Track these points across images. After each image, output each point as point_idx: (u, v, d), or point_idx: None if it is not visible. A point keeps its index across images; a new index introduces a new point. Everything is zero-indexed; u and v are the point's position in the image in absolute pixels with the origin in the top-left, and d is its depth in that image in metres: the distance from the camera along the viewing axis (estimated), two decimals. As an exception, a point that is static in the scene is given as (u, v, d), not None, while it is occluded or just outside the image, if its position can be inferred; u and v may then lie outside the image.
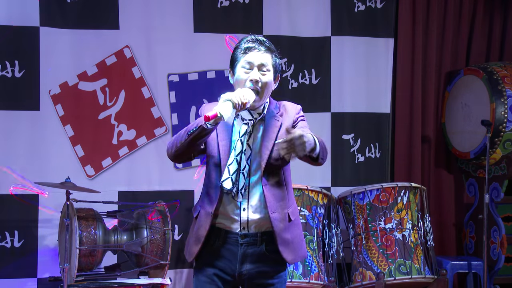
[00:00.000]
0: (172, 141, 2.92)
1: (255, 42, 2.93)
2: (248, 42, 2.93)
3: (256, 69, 2.90)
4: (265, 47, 2.94)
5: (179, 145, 2.85)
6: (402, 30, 5.69)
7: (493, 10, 5.92)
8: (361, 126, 5.67)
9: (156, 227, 4.60)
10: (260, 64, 2.90)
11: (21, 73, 5.05)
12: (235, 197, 2.87)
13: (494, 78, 5.31)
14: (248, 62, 2.89)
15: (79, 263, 4.43)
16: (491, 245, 5.41)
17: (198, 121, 2.80)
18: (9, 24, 5.03)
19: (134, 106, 5.24)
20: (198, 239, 2.93)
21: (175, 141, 2.88)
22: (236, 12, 5.40)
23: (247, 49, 2.91)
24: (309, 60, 5.56)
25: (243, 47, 2.92)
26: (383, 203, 5.06)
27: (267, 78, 2.92)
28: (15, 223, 5.04)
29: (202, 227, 2.92)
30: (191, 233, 3.02)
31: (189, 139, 2.80)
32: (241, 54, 2.91)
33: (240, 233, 2.90)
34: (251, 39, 2.95)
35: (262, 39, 2.97)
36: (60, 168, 5.01)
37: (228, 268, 2.92)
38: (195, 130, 2.77)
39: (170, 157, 2.94)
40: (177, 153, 2.88)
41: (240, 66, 2.91)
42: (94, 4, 5.15)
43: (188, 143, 2.81)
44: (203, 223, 2.92)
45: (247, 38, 2.96)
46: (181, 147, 2.84)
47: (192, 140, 2.80)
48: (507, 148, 5.27)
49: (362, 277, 5.03)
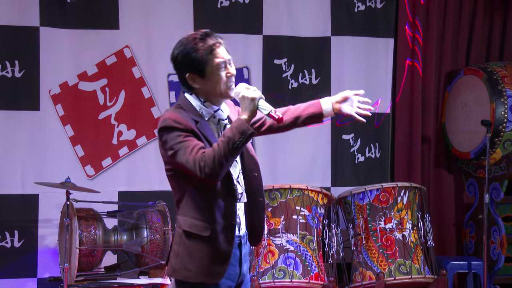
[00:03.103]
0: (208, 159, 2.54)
1: (212, 37, 2.70)
2: (207, 40, 2.68)
3: (228, 64, 2.71)
4: (220, 39, 2.73)
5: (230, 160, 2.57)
6: (402, 30, 5.69)
7: (493, 10, 5.92)
8: (361, 126, 5.66)
9: (156, 227, 4.60)
10: (229, 58, 2.72)
11: (21, 73, 5.05)
12: (241, 199, 2.74)
13: (494, 78, 5.31)
14: (222, 61, 2.68)
15: (79, 263, 4.43)
16: (491, 245, 5.41)
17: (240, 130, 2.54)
18: (9, 24, 5.03)
19: (134, 106, 5.24)
20: (222, 257, 2.68)
21: (218, 158, 2.53)
22: (236, 12, 5.40)
23: (212, 47, 2.67)
24: (309, 60, 5.56)
25: (207, 46, 2.67)
26: (383, 203, 5.06)
27: (234, 69, 2.76)
28: (15, 223, 5.04)
29: (224, 243, 2.68)
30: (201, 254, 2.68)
31: (239, 150, 2.56)
32: (207, 55, 2.66)
33: (240, 234, 2.77)
34: (204, 35, 2.70)
35: (210, 31, 2.73)
36: (60, 168, 5.01)
37: (234, 273, 2.77)
38: (245, 138, 2.54)
39: (216, 176, 2.57)
40: (225, 170, 2.59)
41: (214, 67, 2.67)
42: (94, 4, 5.15)
43: (236, 154, 2.58)
44: (223, 238, 2.67)
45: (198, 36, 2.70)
46: (231, 161, 2.59)
47: (239, 150, 2.58)
48: (507, 148, 5.27)
49: (362, 277, 5.03)
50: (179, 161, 2.60)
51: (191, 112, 2.68)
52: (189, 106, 2.71)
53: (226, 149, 2.53)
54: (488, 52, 5.94)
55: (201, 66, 2.67)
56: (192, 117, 2.66)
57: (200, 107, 2.72)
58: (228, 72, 2.70)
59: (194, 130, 2.63)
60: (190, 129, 2.62)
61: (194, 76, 2.70)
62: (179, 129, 2.62)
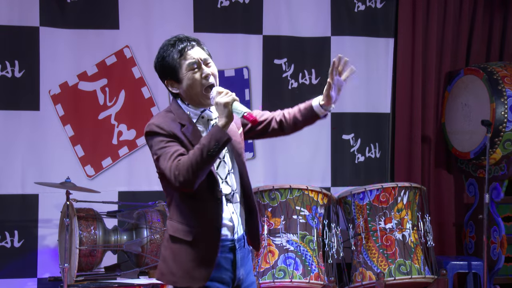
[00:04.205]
0: (182, 168, 2.52)
1: (183, 41, 2.70)
2: (177, 44, 2.69)
3: (203, 64, 2.69)
4: (193, 41, 2.73)
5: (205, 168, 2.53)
6: (402, 30, 5.69)
7: (493, 10, 5.91)
8: (361, 126, 5.67)
9: (156, 227, 4.60)
10: (203, 58, 2.70)
11: (21, 73, 5.05)
12: (231, 200, 2.72)
13: (494, 78, 5.31)
14: (193, 62, 2.67)
15: (79, 263, 4.43)
16: (491, 245, 5.41)
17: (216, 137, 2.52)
18: (9, 24, 5.03)
19: (134, 106, 5.24)
20: (206, 260, 2.66)
21: (191, 167, 2.51)
22: (236, 12, 5.40)
23: (182, 50, 2.68)
24: (309, 60, 5.56)
25: (176, 51, 2.68)
26: (383, 203, 5.06)
27: (214, 68, 2.75)
28: (15, 223, 5.05)
29: (208, 247, 2.65)
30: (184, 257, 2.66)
31: (214, 157, 2.53)
32: (178, 59, 2.67)
33: (234, 238, 2.74)
34: (175, 40, 2.70)
35: (184, 35, 2.74)
36: (60, 168, 5.01)
37: (227, 277, 2.75)
38: (219, 145, 2.51)
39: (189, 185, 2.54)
40: (200, 178, 2.55)
41: (185, 70, 2.66)
42: (94, 4, 5.15)
43: (211, 162, 2.54)
44: (208, 242, 2.66)
45: (170, 42, 2.70)
46: (207, 169, 2.55)
47: (214, 158, 2.54)
48: (507, 148, 5.27)
49: (362, 277, 5.03)
50: (161, 167, 2.61)
51: (179, 116, 2.68)
52: (177, 110, 2.71)
53: (200, 157, 2.51)
54: (488, 52, 5.94)
55: (174, 71, 2.68)
56: (178, 120, 2.66)
57: (187, 109, 2.72)
58: (202, 72, 2.68)
59: (176, 135, 2.62)
60: (172, 134, 2.61)
61: (172, 81, 2.72)
62: (161, 134, 2.61)
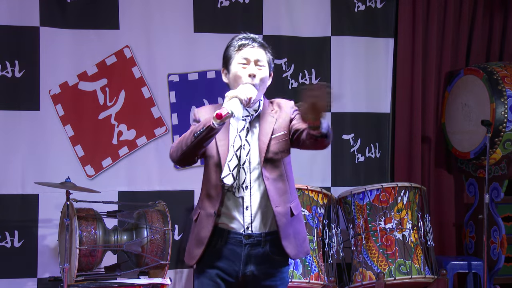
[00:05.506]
0: (176, 144, 2.87)
1: (248, 39, 2.94)
2: (241, 40, 2.94)
3: (253, 64, 2.90)
4: (258, 43, 2.95)
5: (186, 148, 2.80)
6: (402, 30, 5.69)
7: (493, 10, 5.91)
8: (361, 126, 5.67)
9: (156, 227, 4.60)
10: (256, 59, 2.90)
11: (21, 73, 5.05)
12: (235, 193, 2.85)
13: (494, 78, 5.31)
14: (244, 58, 2.90)
15: (79, 263, 4.43)
16: (491, 245, 5.41)
17: (205, 121, 2.75)
18: (9, 24, 5.03)
19: (134, 106, 5.24)
20: (200, 241, 2.89)
21: (180, 144, 2.83)
22: (236, 12, 5.40)
23: (241, 46, 2.91)
24: (309, 60, 5.56)
25: (236, 45, 2.93)
26: (383, 203, 5.06)
27: (264, 73, 2.91)
28: (15, 223, 5.04)
29: (204, 228, 2.89)
30: (191, 237, 2.97)
31: (196, 140, 2.76)
32: (235, 52, 2.92)
33: (244, 233, 2.86)
34: (243, 36, 2.96)
35: (254, 36, 2.98)
36: (60, 168, 5.01)
37: (231, 269, 2.88)
38: (202, 131, 2.73)
39: (175, 161, 2.90)
40: (183, 156, 2.83)
41: (235, 62, 2.91)
42: (94, 4, 5.15)
43: (195, 145, 2.77)
44: (204, 224, 2.89)
45: (239, 36, 2.97)
46: (188, 150, 2.80)
47: (200, 142, 2.76)
48: (507, 148, 5.27)
49: (362, 277, 5.03)
50: None
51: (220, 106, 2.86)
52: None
53: (188, 137, 2.80)
54: (488, 52, 5.94)
55: (228, 61, 2.95)
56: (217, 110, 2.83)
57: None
58: (247, 70, 2.87)
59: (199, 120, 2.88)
60: (198, 119, 2.91)
61: (224, 70, 2.99)
62: (194, 120, 2.97)
